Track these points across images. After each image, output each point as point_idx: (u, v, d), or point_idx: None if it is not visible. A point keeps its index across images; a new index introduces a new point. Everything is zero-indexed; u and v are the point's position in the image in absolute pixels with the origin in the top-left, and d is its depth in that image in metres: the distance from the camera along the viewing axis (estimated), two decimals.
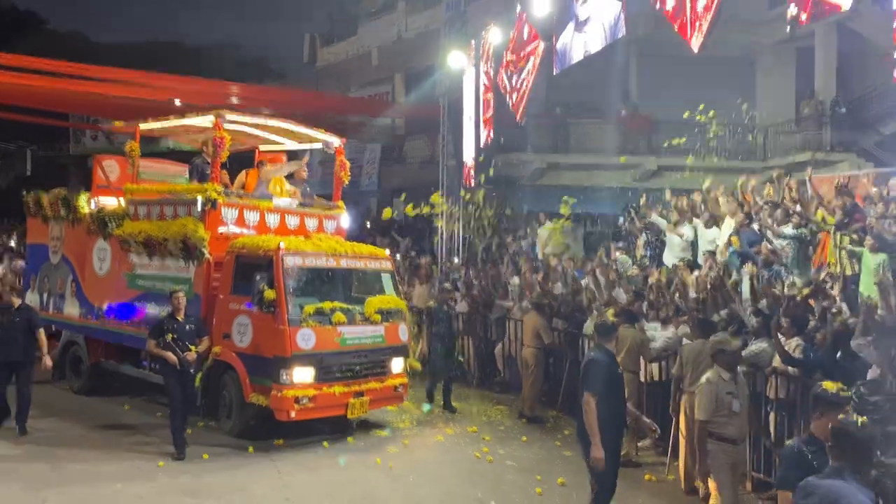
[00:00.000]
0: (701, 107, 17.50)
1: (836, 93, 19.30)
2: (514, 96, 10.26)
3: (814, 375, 6.41)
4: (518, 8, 9.91)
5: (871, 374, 6.18)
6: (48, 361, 8.82)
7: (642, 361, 8.59)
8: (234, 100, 19.14)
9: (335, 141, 10.53)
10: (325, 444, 8.44)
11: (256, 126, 10.39)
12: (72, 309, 10.72)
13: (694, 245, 11.69)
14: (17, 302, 8.70)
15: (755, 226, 10.71)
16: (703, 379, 5.78)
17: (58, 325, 10.98)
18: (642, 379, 8.63)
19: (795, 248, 9.97)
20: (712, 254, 10.75)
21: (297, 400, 8.09)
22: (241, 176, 10.27)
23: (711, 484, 6.05)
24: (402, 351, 9.32)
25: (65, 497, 6.63)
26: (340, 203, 10.49)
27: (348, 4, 27.10)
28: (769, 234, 10.33)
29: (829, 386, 4.27)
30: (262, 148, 11.15)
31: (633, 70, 20.79)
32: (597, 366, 5.90)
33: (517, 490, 7.17)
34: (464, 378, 11.62)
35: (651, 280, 10.56)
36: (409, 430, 9.34)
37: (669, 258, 11.83)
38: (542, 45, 9.34)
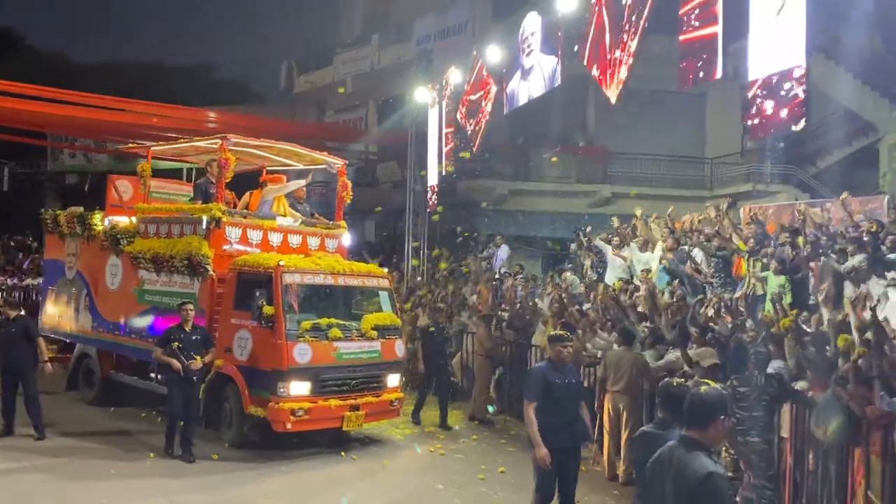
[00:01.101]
0: None
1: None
2: (471, 131, 11.51)
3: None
4: (475, 53, 11.19)
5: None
6: (48, 367, 9.18)
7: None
8: (211, 125, 20.05)
9: (337, 162, 10.86)
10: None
11: (261, 148, 10.73)
12: (85, 322, 11.02)
13: (632, 266, 12.97)
14: (12, 313, 9.10)
15: (684, 248, 12.01)
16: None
17: (71, 338, 11.33)
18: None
19: (718, 269, 11.27)
20: (647, 272, 12.04)
21: (293, 412, 8.32)
22: (247, 196, 10.54)
23: None
24: (397, 367, 9.55)
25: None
26: (342, 222, 10.72)
27: (325, 36, 28.50)
28: (695, 255, 11.64)
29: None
30: (269, 168, 11.46)
31: (591, 104, 22.22)
32: (532, 375, 6.20)
33: (463, 476, 8.17)
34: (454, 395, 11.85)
35: (593, 296, 11.78)
36: (372, 432, 9.95)
37: (611, 278, 13.09)
38: (494, 88, 10.62)
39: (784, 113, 5.39)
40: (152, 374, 9.75)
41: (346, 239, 10.87)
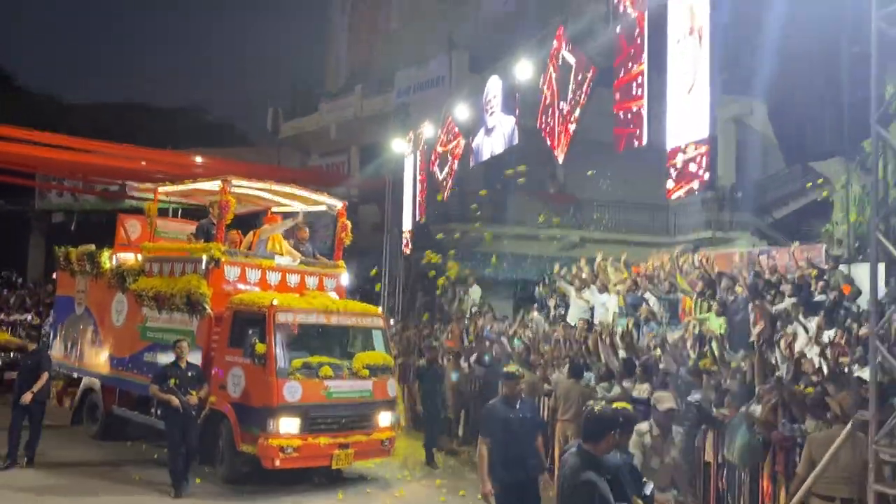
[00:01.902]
0: None
1: (735, 179, 22.20)
2: (442, 179, 12.52)
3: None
4: (445, 110, 12.26)
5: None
6: (27, 397, 9.21)
7: None
8: (198, 169, 20.72)
9: (337, 204, 11.11)
10: None
11: (262, 190, 10.89)
12: (90, 357, 11.27)
13: (593, 307, 13.92)
14: (31, 346, 9.85)
15: (638, 292, 12.98)
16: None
17: (78, 372, 11.63)
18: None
19: (666, 310, 12.24)
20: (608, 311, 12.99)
21: (282, 449, 8.39)
22: (249, 236, 10.72)
23: None
24: (389, 405, 9.55)
25: None
26: (341, 262, 10.83)
27: (310, 84, 29.70)
28: (648, 298, 12.60)
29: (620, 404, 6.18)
30: (274, 209, 11.75)
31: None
32: (486, 412, 6.40)
33: (429, 500, 8.90)
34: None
35: (556, 335, 12.68)
36: (365, 470, 10.09)
37: (574, 317, 14.02)
38: (462, 143, 11.65)
39: (693, 177, 6.38)
40: (153, 410, 9.82)
41: (345, 278, 10.96)
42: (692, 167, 6.34)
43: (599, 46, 8.31)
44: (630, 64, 7.20)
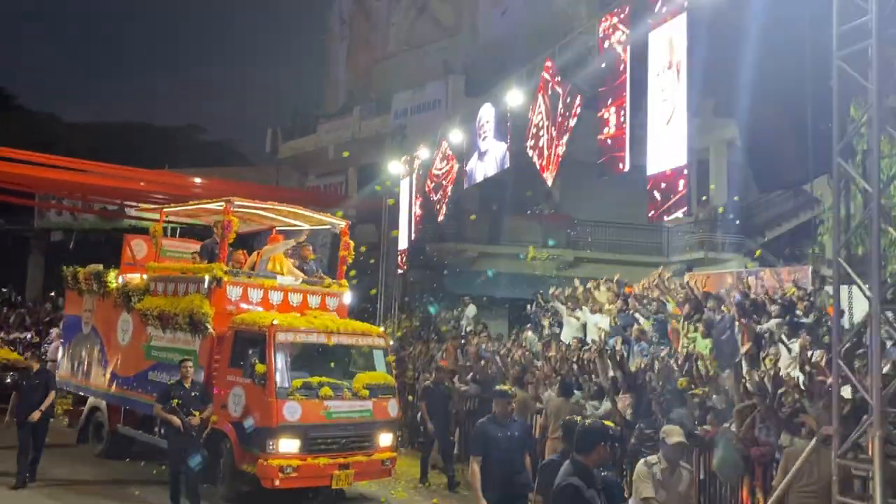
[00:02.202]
0: None
1: (727, 200, 22.56)
2: (437, 201, 12.86)
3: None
4: (440, 134, 12.62)
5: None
6: (35, 415, 9.43)
7: None
8: (197, 190, 20.98)
9: (340, 223, 11.19)
10: None
11: (265, 210, 11.02)
12: (96, 376, 11.33)
13: (585, 326, 14.20)
14: (36, 366, 9.97)
15: (629, 311, 13.27)
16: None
17: (84, 391, 11.69)
18: None
19: (655, 330, 12.52)
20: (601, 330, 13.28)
21: (281, 469, 8.41)
22: (253, 256, 10.83)
23: None
24: (390, 426, 9.52)
25: None
26: (343, 281, 10.86)
27: (309, 106, 30.14)
28: (639, 318, 12.89)
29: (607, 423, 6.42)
30: (279, 229, 11.83)
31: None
32: (476, 430, 6.52)
33: None
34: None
35: (549, 354, 12.94)
36: (368, 490, 10.21)
37: (567, 336, 14.29)
38: (456, 166, 11.99)
39: (672, 202, 6.71)
40: (156, 429, 9.83)
41: (348, 298, 10.98)
42: (671, 193, 6.66)
43: (588, 75, 8.65)
44: (614, 95, 7.54)
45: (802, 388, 7.85)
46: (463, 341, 15.40)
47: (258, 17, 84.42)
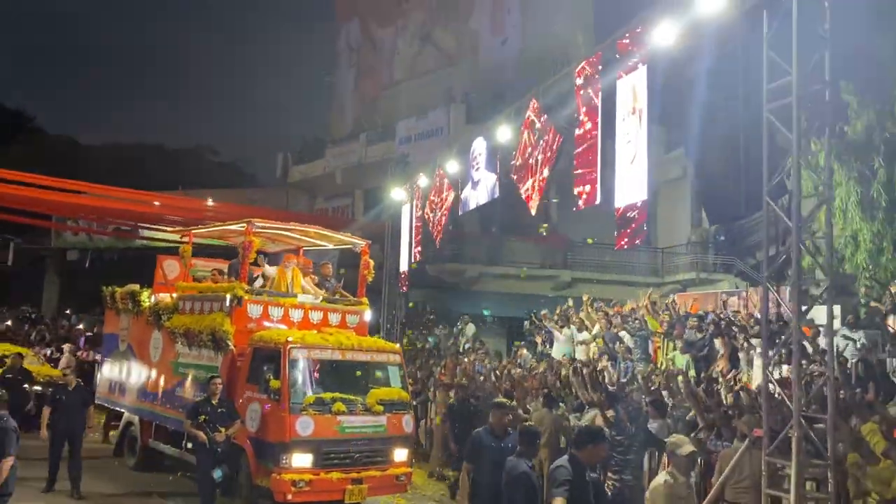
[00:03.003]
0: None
1: (719, 223, 23.42)
2: (434, 226, 13.76)
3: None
4: (438, 164, 13.55)
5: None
6: (93, 434, 10.21)
7: None
8: (209, 213, 21.77)
9: (360, 243, 11.44)
10: None
11: (286, 230, 11.30)
12: (130, 392, 11.62)
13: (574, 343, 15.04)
14: (73, 382, 10.17)
15: (613, 330, 14.11)
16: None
17: (120, 406, 11.98)
18: None
19: (637, 346, 13.34)
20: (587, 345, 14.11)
21: (294, 483, 8.48)
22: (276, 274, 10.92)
23: None
24: (405, 441, 9.53)
25: None
26: (364, 299, 10.95)
27: (317, 132, 31.36)
28: (623, 336, 13.72)
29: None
30: (307, 248, 12.20)
31: (553, 197, 24.69)
32: (471, 440, 6.74)
33: None
34: None
35: (536, 370, 13.75)
36: None
37: (557, 353, 15.12)
38: (452, 195, 12.91)
39: (635, 232, 7.58)
40: (184, 443, 9.89)
41: (368, 315, 11.10)
42: (634, 224, 7.53)
43: (569, 114, 9.54)
44: (587, 135, 8.44)
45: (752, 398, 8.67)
46: (463, 357, 16.26)
47: (269, 41, 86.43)
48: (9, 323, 24.44)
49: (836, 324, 10.87)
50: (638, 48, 7.63)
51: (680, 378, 10.54)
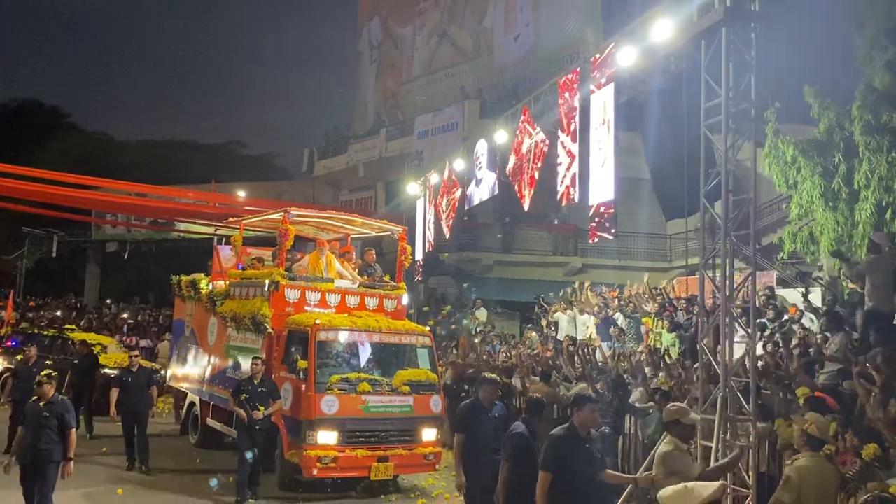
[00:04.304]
0: None
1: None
2: (444, 219, 15.09)
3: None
4: (448, 162, 14.85)
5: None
6: (161, 414, 11.31)
7: None
8: (242, 207, 23.00)
9: (398, 229, 11.84)
10: None
11: (322, 218, 11.86)
12: (193, 374, 12.27)
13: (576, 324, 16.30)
14: (136, 365, 10.88)
15: (610, 312, 15.33)
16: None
17: (186, 388, 12.73)
18: None
19: (630, 327, 14.56)
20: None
21: (319, 459, 8.87)
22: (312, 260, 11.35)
23: None
24: (433, 422, 9.77)
25: None
26: (402, 284, 11.28)
27: (340, 128, 32.74)
28: (617, 318, 14.94)
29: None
30: (354, 236, 12.86)
31: None
32: (460, 411, 7.23)
33: None
34: None
35: (537, 351, 15.01)
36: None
37: (562, 334, 16.39)
38: (459, 190, 14.20)
39: (604, 227, 8.85)
40: (234, 422, 10.23)
41: (405, 299, 11.44)
42: (604, 218, 8.80)
43: (555, 122, 10.78)
44: (568, 140, 9.67)
45: None
46: (474, 339, 17.63)
47: (296, 39, 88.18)
48: (59, 313, 26.33)
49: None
50: (606, 68, 8.85)
51: (642, 349, 11.74)
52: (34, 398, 7.52)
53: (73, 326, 19.96)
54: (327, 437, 9.03)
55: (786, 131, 10.96)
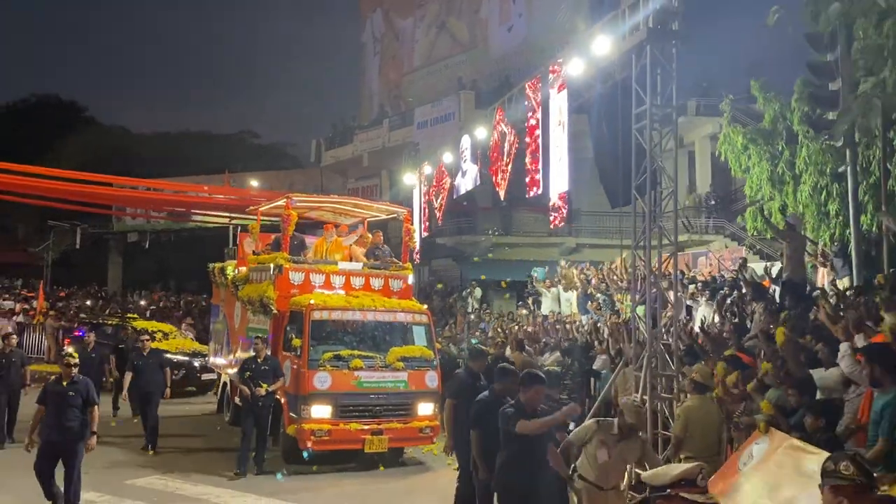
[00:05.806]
0: None
1: (710, 188, 25.54)
2: (437, 207, 16.48)
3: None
4: (439, 153, 16.23)
5: None
6: (168, 393, 11.19)
7: None
8: (255, 196, 24.42)
9: (402, 211, 12.29)
10: None
11: (326, 203, 12.47)
12: (224, 355, 12.77)
13: (560, 301, 17.73)
14: (147, 347, 11.26)
15: (591, 290, 16.72)
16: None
17: (219, 369, 13.39)
18: None
19: (609, 303, 15.95)
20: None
21: (313, 433, 9.17)
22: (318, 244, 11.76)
23: None
24: (429, 396, 9.97)
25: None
26: (408, 264, 11.54)
27: (347, 119, 34.09)
28: (598, 295, 16.33)
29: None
30: (370, 221, 13.16)
31: None
32: (452, 379, 7.77)
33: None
34: None
35: (526, 325, 16.46)
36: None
37: (546, 309, 17.82)
38: (448, 181, 15.57)
39: (559, 216, 10.26)
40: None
41: (411, 279, 11.67)
42: (561, 207, 10.21)
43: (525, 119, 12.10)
44: (534, 139, 11.00)
45: None
46: (470, 315, 19.12)
47: (303, 32, 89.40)
48: (88, 302, 27.98)
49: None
50: (561, 77, 10.17)
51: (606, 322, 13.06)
52: (53, 378, 7.69)
53: (135, 315, 21.23)
54: (321, 411, 9.37)
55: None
